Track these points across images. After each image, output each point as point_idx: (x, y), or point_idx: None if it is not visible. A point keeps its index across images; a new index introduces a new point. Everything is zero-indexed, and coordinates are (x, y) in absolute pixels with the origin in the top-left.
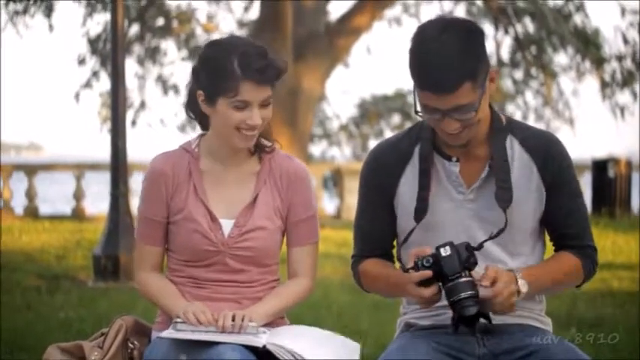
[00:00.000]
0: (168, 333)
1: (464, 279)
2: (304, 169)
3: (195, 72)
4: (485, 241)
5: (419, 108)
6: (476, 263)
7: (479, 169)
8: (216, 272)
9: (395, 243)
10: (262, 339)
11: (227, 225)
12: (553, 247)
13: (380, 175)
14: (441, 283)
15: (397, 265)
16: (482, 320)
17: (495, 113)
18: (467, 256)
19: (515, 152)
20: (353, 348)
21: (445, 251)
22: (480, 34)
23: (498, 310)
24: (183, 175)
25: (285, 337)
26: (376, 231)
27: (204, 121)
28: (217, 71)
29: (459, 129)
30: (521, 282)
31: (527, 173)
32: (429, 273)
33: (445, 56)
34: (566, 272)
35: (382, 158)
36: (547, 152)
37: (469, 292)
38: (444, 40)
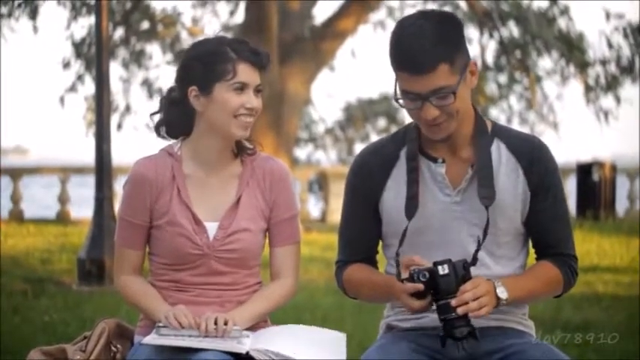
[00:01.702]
0: (151, 339)
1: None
2: (286, 169)
3: (184, 70)
4: (477, 252)
5: (399, 95)
6: (470, 279)
7: (464, 171)
8: (201, 275)
9: (380, 248)
10: (246, 345)
11: (211, 228)
12: (535, 255)
13: (365, 181)
14: (433, 297)
15: (382, 269)
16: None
17: (479, 115)
18: (463, 274)
19: (503, 156)
20: (339, 339)
21: (443, 269)
22: (456, 23)
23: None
24: (167, 179)
25: (269, 340)
26: (361, 237)
27: (185, 128)
28: (212, 58)
29: (439, 118)
30: (499, 289)
31: (514, 176)
32: (421, 287)
33: (422, 37)
34: (545, 282)
35: (367, 164)
36: (533, 155)
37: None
38: (420, 24)
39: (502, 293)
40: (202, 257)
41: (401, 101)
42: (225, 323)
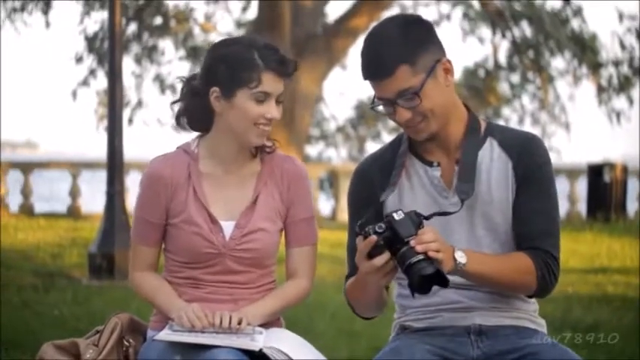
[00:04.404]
0: (164, 335)
1: None
2: (304, 170)
3: (209, 69)
4: (435, 214)
5: (375, 102)
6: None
7: (454, 170)
8: (216, 274)
9: None
10: (259, 342)
11: (228, 227)
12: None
13: (367, 191)
14: (393, 249)
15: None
16: (443, 284)
17: (473, 115)
18: (418, 221)
19: (495, 153)
20: None
21: (398, 215)
22: (420, 23)
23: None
24: (183, 178)
25: (282, 342)
26: None
27: (205, 123)
28: (238, 63)
29: (413, 119)
30: (458, 254)
31: (504, 170)
32: (374, 238)
33: (380, 42)
34: (513, 268)
35: (367, 173)
36: (522, 148)
37: (423, 255)
38: (382, 29)
39: (461, 257)
40: (218, 256)
41: (378, 107)
42: (239, 323)
